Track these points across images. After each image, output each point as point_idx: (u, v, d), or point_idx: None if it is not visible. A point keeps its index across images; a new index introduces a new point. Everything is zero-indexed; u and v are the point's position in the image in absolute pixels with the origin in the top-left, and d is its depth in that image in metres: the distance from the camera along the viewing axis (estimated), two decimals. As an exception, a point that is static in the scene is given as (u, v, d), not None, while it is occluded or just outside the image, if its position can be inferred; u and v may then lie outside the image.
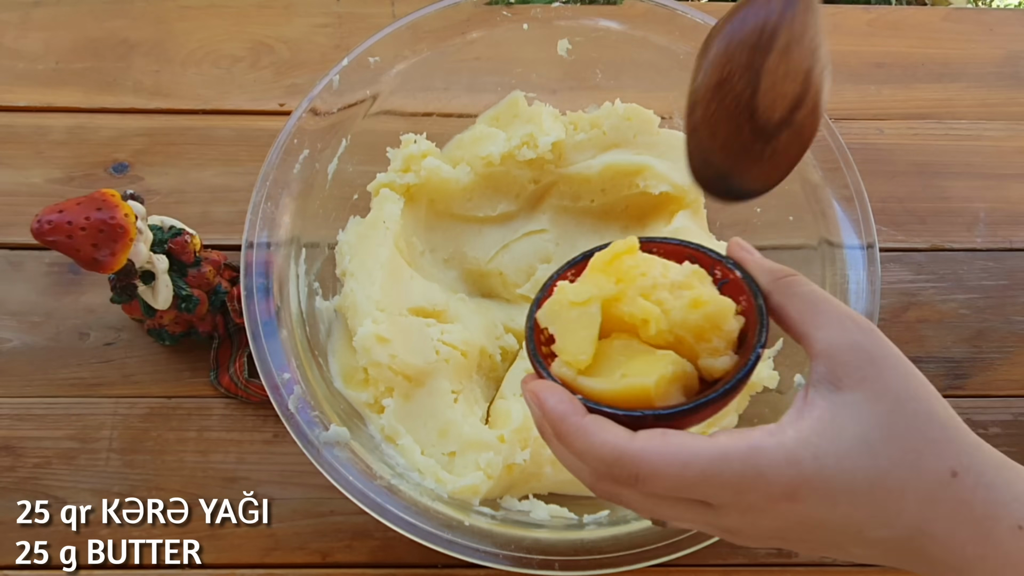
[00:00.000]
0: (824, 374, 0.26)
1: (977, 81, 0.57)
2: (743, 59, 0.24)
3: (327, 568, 0.43)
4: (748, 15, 0.24)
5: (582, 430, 0.26)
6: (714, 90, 0.25)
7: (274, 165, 0.41)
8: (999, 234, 0.53)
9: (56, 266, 0.49)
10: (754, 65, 0.24)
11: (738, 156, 0.26)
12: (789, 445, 0.25)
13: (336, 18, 0.58)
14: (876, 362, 0.26)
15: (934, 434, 0.25)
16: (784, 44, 0.24)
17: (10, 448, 0.45)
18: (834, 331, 0.26)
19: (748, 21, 0.24)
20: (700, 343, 0.27)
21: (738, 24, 0.24)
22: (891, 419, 0.25)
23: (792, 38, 0.24)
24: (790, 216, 0.45)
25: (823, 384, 0.26)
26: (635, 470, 0.25)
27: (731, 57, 0.24)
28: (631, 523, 0.37)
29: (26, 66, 0.55)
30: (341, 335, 0.43)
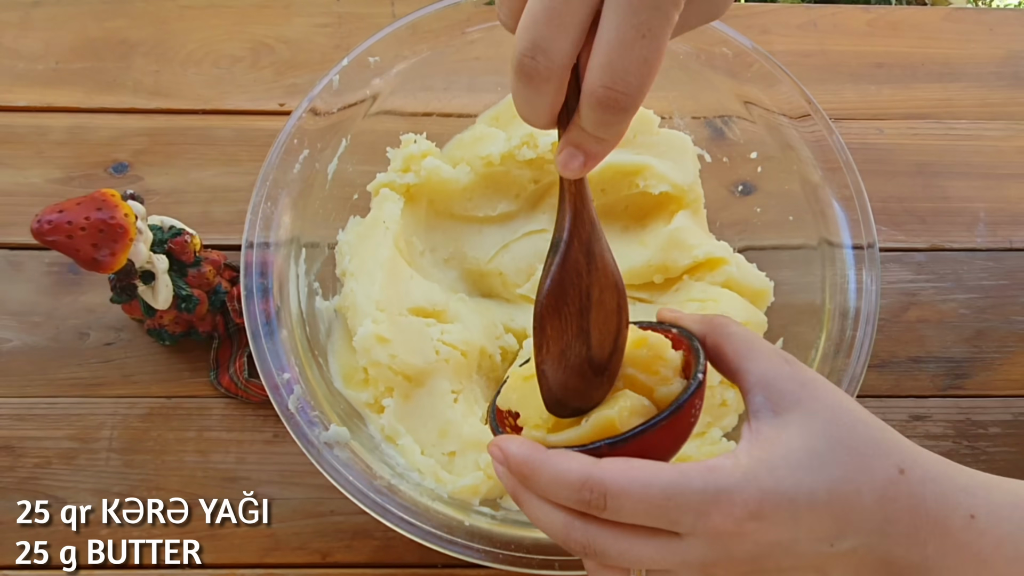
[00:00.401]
0: (762, 403, 0.28)
1: (977, 81, 0.57)
2: (574, 328, 0.28)
3: (327, 568, 0.43)
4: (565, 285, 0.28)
5: (547, 462, 0.27)
6: (558, 358, 0.29)
7: (274, 165, 0.41)
8: (999, 234, 0.53)
9: (56, 266, 0.49)
10: (583, 328, 0.28)
11: (585, 393, 0.30)
12: (744, 463, 0.26)
13: (336, 18, 0.58)
14: (806, 385, 0.28)
15: (874, 436, 0.27)
16: (598, 295, 0.28)
17: (10, 448, 0.45)
18: (765, 363, 0.29)
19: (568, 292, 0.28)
20: (651, 376, 0.30)
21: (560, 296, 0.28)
22: (831, 430, 0.27)
23: (602, 288, 0.28)
24: (790, 216, 0.45)
25: (763, 412, 0.28)
26: (603, 489, 0.26)
27: (563, 329, 0.28)
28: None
29: (26, 66, 0.55)
30: (341, 335, 0.43)
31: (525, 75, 0.24)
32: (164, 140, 0.53)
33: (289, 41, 0.57)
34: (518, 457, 0.28)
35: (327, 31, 0.57)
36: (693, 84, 0.47)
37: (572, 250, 0.27)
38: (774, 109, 0.44)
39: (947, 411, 0.48)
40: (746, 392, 0.29)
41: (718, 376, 0.41)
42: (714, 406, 0.42)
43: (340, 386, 0.41)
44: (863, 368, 0.39)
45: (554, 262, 0.27)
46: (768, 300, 0.45)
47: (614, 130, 0.24)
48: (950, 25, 0.60)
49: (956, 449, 0.47)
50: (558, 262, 0.27)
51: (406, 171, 0.45)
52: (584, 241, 0.27)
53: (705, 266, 0.44)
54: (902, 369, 0.49)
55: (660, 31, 0.23)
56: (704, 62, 0.45)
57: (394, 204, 0.44)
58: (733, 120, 0.47)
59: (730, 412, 0.42)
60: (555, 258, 0.27)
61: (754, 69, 0.45)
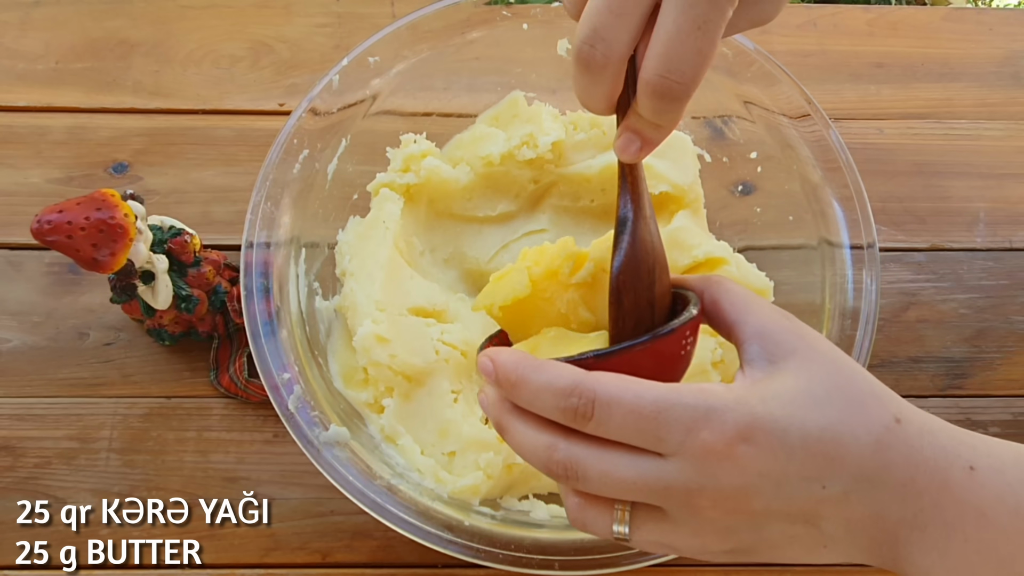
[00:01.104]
0: (758, 352, 0.27)
1: (977, 81, 0.57)
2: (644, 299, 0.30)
3: (327, 568, 0.43)
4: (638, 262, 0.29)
5: (537, 368, 0.27)
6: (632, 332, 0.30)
7: (274, 165, 0.41)
8: (999, 234, 0.53)
9: (56, 266, 0.49)
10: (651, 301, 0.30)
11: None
12: (738, 391, 0.26)
13: (336, 18, 0.58)
14: (804, 337, 0.28)
15: (872, 388, 0.27)
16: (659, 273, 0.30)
17: (10, 448, 0.45)
18: (762, 316, 0.28)
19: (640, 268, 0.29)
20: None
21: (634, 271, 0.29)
22: (828, 377, 0.26)
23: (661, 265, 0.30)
24: (790, 216, 0.45)
25: (758, 360, 0.27)
26: (592, 395, 0.25)
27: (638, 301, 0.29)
28: None
29: (26, 66, 0.55)
30: (341, 335, 0.43)
31: (584, 63, 0.25)
32: (164, 140, 0.53)
33: (289, 41, 0.57)
34: (508, 365, 0.27)
35: (327, 31, 0.57)
36: None
37: (639, 228, 0.29)
38: (774, 109, 0.45)
39: (947, 411, 0.48)
40: (741, 343, 0.28)
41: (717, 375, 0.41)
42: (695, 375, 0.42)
43: (340, 386, 0.41)
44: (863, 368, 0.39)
45: (624, 239, 0.29)
46: (768, 300, 0.45)
47: (669, 117, 0.26)
48: (950, 25, 0.59)
49: (956, 449, 0.48)
50: (628, 240, 0.29)
51: (406, 171, 0.45)
52: (647, 219, 0.29)
53: (705, 266, 0.44)
54: (902, 369, 0.49)
55: (715, 24, 0.24)
56: None
57: (394, 204, 0.44)
58: (733, 120, 0.47)
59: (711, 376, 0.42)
60: (625, 236, 0.29)
61: (754, 69, 0.45)
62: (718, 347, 0.42)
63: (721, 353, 0.42)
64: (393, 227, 0.44)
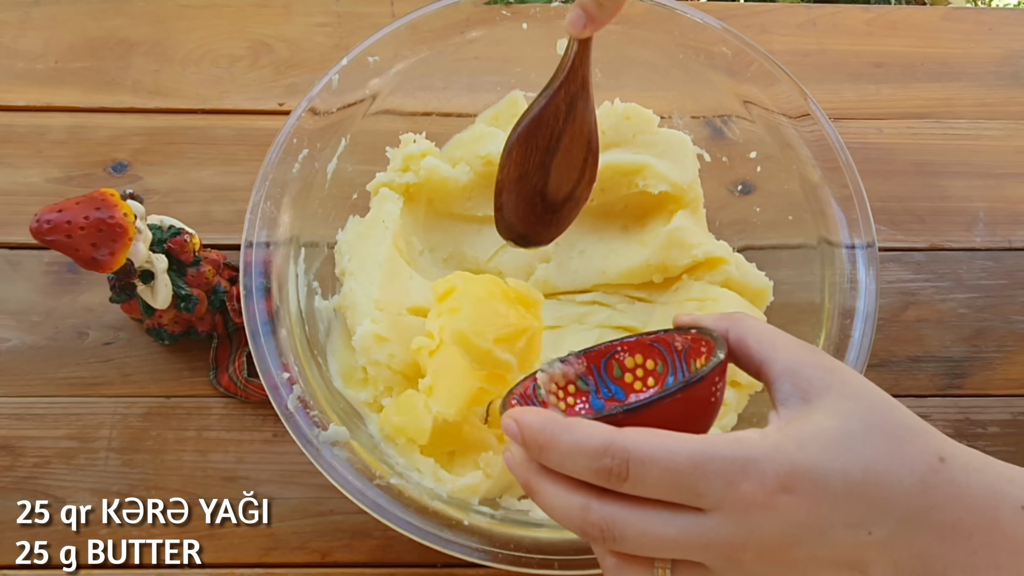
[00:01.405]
0: (790, 390, 0.27)
1: (976, 80, 0.57)
2: (536, 160, 0.32)
3: (327, 568, 0.43)
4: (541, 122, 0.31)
5: (567, 430, 0.26)
6: (516, 182, 0.32)
7: (273, 165, 0.42)
8: (998, 233, 0.53)
9: (55, 265, 0.49)
10: (545, 163, 0.32)
11: (533, 224, 0.34)
12: (774, 437, 0.25)
13: (335, 17, 0.58)
14: (835, 371, 0.27)
15: (910, 423, 0.26)
16: (568, 143, 0.31)
17: (9, 448, 0.45)
18: (791, 352, 0.28)
19: (541, 128, 0.31)
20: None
21: (532, 128, 0.31)
22: (866, 414, 0.26)
23: (573, 137, 0.31)
24: (789, 216, 0.45)
25: (792, 399, 0.27)
26: (626, 454, 0.25)
27: (527, 157, 0.32)
28: None
29: (25, 65, 0.55)
30: (340, 334, 0.43)
31: None
32: (163, 139, 0.53)
33: (288, 40, 0.57)
34: (535, 426, 0.26)
35: (326, 30, 0.57)
36: (693, 84, 0.47)
37: (556, 97, 0.31)
38: (773, 108, 0.45)
39: (946, 410, 0.48)
40: (772, 382, 0.28)
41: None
42: None
43: (339, 385, 0.41)
44: (863, 367, 0.39)
45: (538, 103, 0.31)
46: (767, 299, 0.45)
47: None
48: (949, 25, 0.60)
49: (955, 448, 0.48)
50: (541, 103, 0.31)
51: (405, 170, 0.45)
52: (571, 93, 0.31)
53: (704, 266, 0.44)
54: (901, 368, 0.49)
55: None
56: (703, 62, 0.46)
57: (393, 204, 0.44)
58: (732, 120, 0.47)
59: (730, 411, 0.42)
60: (540, 99, 0.31)
61: (753, 68, 0.45)
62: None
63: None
64: (392, 226, 0.44)
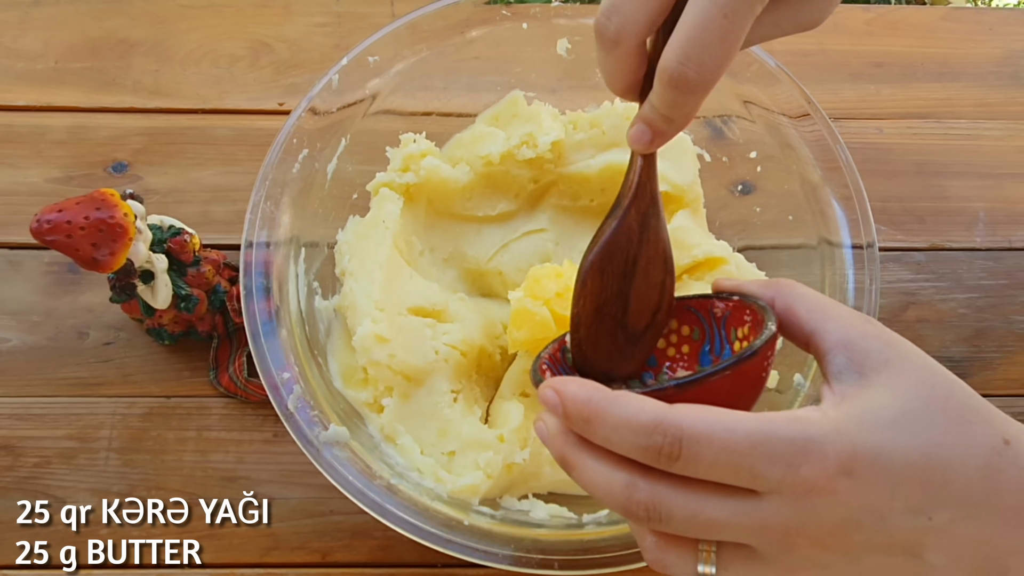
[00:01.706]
0: (845, 364, 0.25)
1: (976, 80, 0.58)
2: (614, 288, 0.29)
3: (327, 568, 0.43)
4: (614, 247, 0.29)
5: (614, 403, 0.24)
6: (593, 315, 0.30)
7: (273, 165, 0.42)
8: (998, 233, 0.53)
9: (55, 265, 0.49)
10: (623, 292, 0.29)
11: (615, 358, 0.31)
12: (834, 416, 0.24)
13: (335, 17, 0.58)
14: (893, 345, 0.26)
15: (973, 403, 0.25)
16: (644, 266, 0.29)
17: (9, 448, 0.45)
18: (845, 323, 0.26)
19: (615, 254, 0.29)
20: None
21: (606, 255, 0.29)
22: (926, 391, 0.24)
23: (649, 260, 0.29)
24: (790, 216, 0.45)
25: (847, 373, 0.25)
26: (679, 432, 0.23)
27: (603, 287, 0.29)
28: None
29: (25, 66, 0.55)
30: (340, 335, 0.43)
31: (599, 35, 0.25)
32: (163, 140, 0.53)
33: (288, 40, 0.57)
34: (579, 398, 0.25)
35: (326, 30, 0.57)
36: None
37: (628, 217, 0.29)
38: (773, 108, 0.45)
39: (946, 410, 0.49)
40: (824, 354, 0.26)
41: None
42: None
43: (340, 386, 0.42)
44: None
45: (609, 225, 0.29)
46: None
47: (682, 111, 0.25)
48: (949, 25, 0.60)
49: (955, 448, 0.48)
50: (613, 226, 0.29)
51: (405, 170, 0.45)
52: (641, 212, 0.29)
53: (705, 265, 0.44)
54: None
55: (742, 15, 0.23)
56: None
57: (393, 204, 0.44)
58: (733, 120, 0.47)
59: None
60: (611, 221, 0.29)
61: (753, 69, 0.45)
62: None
63: None
64: (392, 227, 0.44)
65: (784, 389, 0.42)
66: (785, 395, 0.41)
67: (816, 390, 0.39)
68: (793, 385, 0.41)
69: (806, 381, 0.40)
